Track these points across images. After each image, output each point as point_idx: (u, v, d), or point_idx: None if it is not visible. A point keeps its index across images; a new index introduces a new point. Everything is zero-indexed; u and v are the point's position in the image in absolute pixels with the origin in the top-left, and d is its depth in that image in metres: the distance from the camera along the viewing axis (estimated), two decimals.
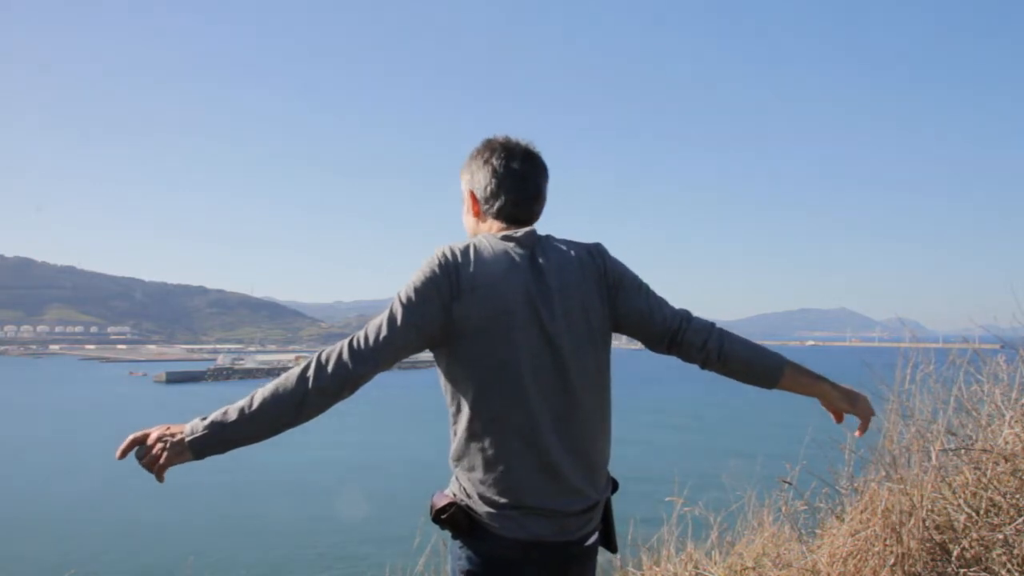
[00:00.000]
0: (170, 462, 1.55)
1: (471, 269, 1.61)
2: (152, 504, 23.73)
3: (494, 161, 1.76)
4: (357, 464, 30.93)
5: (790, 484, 3.26)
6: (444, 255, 1.62)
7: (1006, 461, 2.58)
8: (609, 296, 1.72)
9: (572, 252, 1.72)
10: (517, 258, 1.66)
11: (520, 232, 1.69)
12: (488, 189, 1.76)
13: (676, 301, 1.90)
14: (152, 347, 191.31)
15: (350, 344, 1.58)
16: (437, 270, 1.60)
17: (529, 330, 1.61)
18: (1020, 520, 2.37)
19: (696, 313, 1.81)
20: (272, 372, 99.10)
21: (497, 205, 1.76)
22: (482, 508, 1.61)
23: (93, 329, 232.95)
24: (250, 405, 1.57)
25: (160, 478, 1.58)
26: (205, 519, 21.82)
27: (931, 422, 2.97)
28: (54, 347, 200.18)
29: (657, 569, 3.35)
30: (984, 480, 2.55)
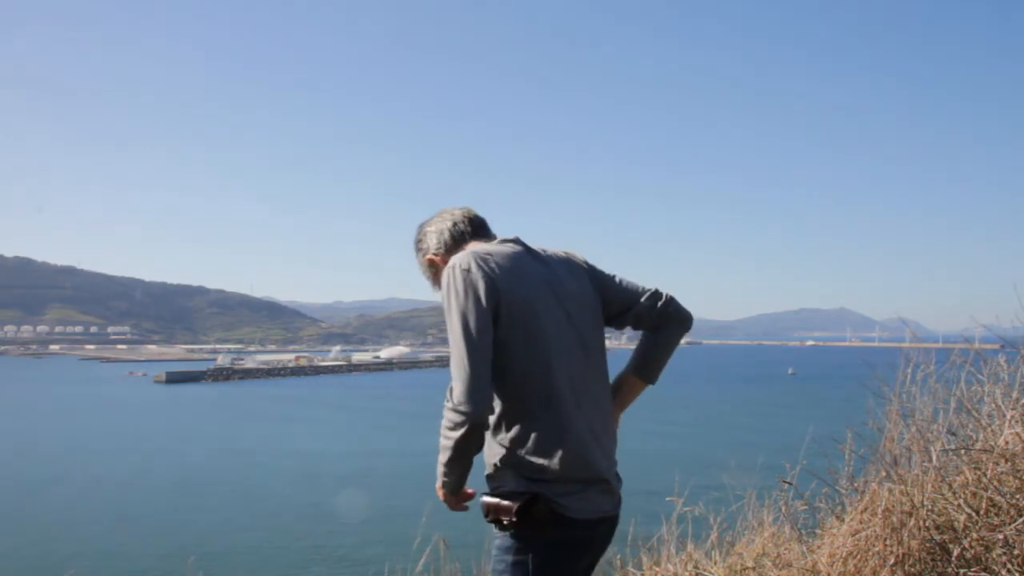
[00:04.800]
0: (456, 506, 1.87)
1: (495, 268, 1.74)
2: (152, 505, 23.74)
3: (430, 228, 2.02)
4: (356, 465, 30.94)
5: (790, 484, 3.26)
6: (469, 266, 1.73)
7: (1006, 461, 2.57)
8: (593, 287, 1.92)
9: (557, 250, 1.95)
10: (523, 251, 1.85)
11: (510, 236, 1.92)
12: (442, 238, 1.98)
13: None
14: (152, 347, 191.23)
15: (455, 403, 1.66)
16: (476, 281, 1.71)
17: (555, 313, 1.78)
18: (1020, 520, 2.37)
19: (696, 314, 1.92)
20: (272, 372, 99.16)
21: (454, 237, 1.97)
22: (560, 494, 1.69)
23: (93, 329, 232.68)
24: (446, 459, 1.76)
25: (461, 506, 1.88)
26: (204, 520, 21.81)
27: (932, 422, 2.96)
28: (54, 347, 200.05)
29: (657, 569, 3.35)
30: (984, 480, 2.55)
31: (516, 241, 1.89)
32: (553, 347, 1.74)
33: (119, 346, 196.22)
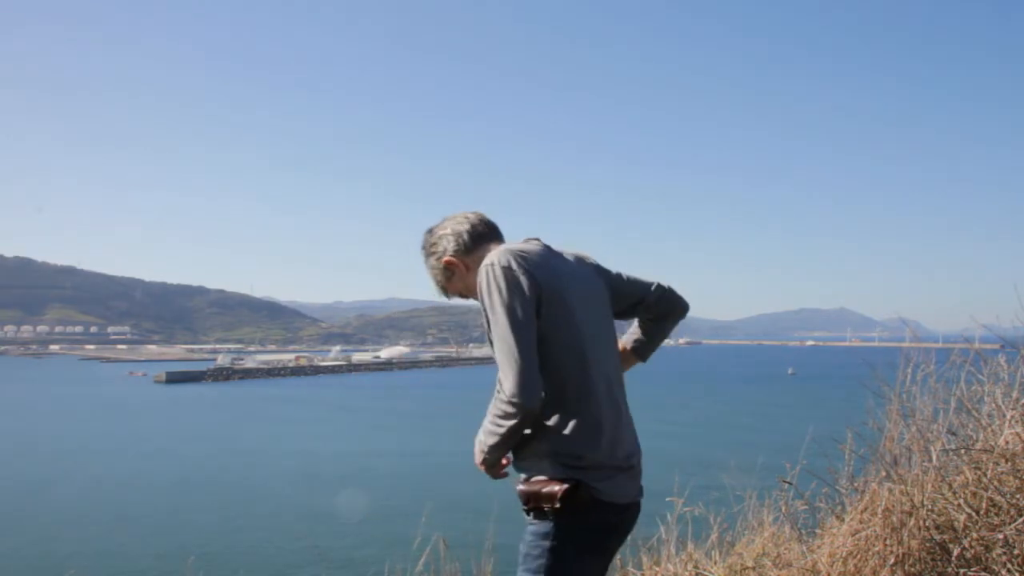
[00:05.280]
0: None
1: (533, 264, 1.80)
2: (152, 505, 23.74)
3: (444, 231, 2.03)
4: (356, 465, 30.93)
5: (790, 484, 3.26)
6: (509, 263, 1.78)
7: (1006, 461, 2.58)
8: (604, 284, 2.02)
9: (567, 249, 2.01)
10: (548, 250, 1.92)
11: (532, 237, 1.97)
12: (460, 240, 2.00)
13: None
14: (152, 347, 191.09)
15: (508, 396, 1.70)
16: (518, 276, 1.76)
17: (585, 307, 1.86)
18: (1020, 520, 2.37)
19: (696, 314, 1.93)
20: (272, 372, 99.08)
21: (473, 238, 2.00)
22: (596, 479, 1.76)
23: (93, 329, 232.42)
24: (493, 444, 1.81)
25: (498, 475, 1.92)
26: (204, 520, 21.81)
27: (932, 422, 2.96)
28: (54, 347, 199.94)
29: (657, 569, 3.35)
30: (984, 480, 2.55)
31: (539, 241, 1.95)
32: (588, 339, 1.83)
33: (119, 346, 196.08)
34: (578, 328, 1.81)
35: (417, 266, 2.10)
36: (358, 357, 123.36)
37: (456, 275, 2.01)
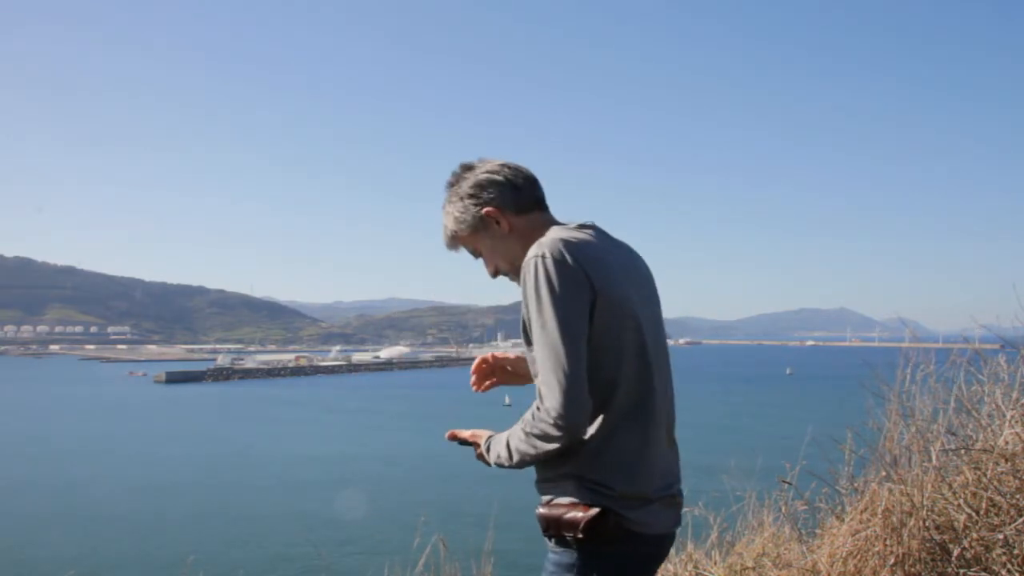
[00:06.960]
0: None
1: (590, 261, 1.52)
2: (150, 505, 23.74)
3: (492, 175, 1.69)
4: (355, 466, 30.95)
5: (790, 484, 3.26)
6: (564, 257, 1.50)
7: (1006, 461, 2.57)
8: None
9: (632, 249, 1.75)
10: (607, 241, 1.65)
11: (588, 224, 1.67)
12: (518, 197, 1.68)
13: (676, 300, 2.00)
14: (152, 347, 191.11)
15: (553, 416, 1.46)
16: (574, 274, 1.49)
17: (645, 313, 1.59)
18: (1020, 520, 2.37)
19: (696, 314, 1.87)
20: (272, 372, 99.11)
21: (528, 201, 1.69)
22: (627, 508, 1.52)
23: (93, 329, 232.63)
24: (518, 461, 1.59)
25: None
26: (203, 520, 21.81)
27: (931, 422, 2.96)
28: (54, 347, 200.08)
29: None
30: (984, 480, 2.55)
31: (594, 228, 1.66)
32: (649, 346, 1.57)
33: (119, 346, 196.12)
34: (639, 333, 1.55)
35: (417, 266, 1.98)
36: (358, 357, 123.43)
37: (489, 232, 1.67)
